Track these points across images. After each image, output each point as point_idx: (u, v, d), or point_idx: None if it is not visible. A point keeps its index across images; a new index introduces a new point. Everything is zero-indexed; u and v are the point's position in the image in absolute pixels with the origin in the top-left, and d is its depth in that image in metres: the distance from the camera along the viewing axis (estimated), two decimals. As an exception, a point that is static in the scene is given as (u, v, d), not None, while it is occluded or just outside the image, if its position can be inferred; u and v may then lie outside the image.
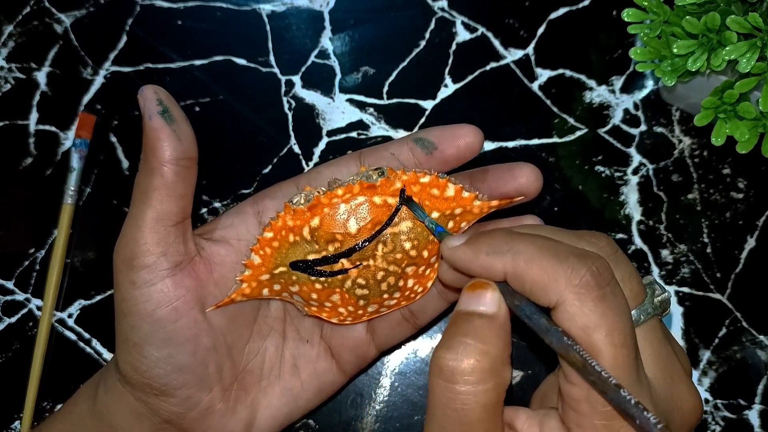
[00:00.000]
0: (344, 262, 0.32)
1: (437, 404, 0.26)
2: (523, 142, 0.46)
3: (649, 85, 0.46)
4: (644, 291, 0.28)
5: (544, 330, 0.26)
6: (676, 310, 0.43)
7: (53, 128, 0.46)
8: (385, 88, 0.47)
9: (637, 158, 0.45)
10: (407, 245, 0.32)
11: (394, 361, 0.43)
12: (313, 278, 0.33)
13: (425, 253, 0.33)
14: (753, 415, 0.42)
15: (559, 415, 0.27)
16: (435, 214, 0.33)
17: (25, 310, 0.44)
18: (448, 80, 0.47)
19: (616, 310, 0.25)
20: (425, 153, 0.33)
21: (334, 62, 0.47)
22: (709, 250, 0.44)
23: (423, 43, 0.47)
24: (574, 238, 0.28)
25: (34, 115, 0.47)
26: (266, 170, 0.46)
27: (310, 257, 0.32)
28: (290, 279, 0.33)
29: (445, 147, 0.33)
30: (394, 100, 0.47)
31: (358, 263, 0.32)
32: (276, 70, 0.47)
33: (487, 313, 0.27)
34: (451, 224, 0.33)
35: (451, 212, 0.33)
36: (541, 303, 0.26)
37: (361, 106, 0.47)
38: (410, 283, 0.34)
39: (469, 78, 0.47)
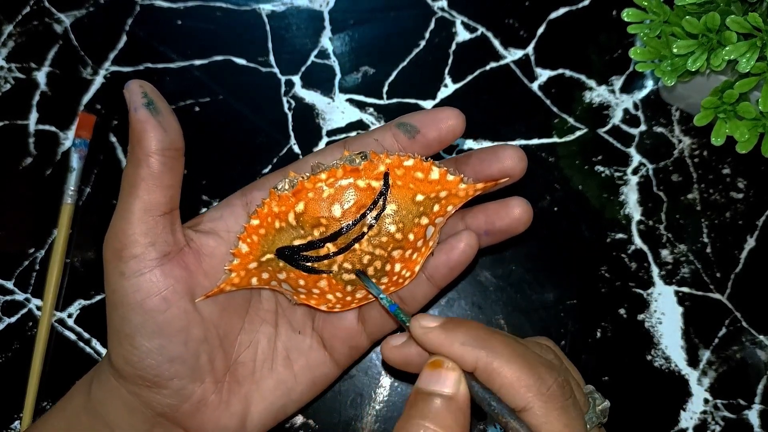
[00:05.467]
0: (330, 247, 0.32)
1: None
2: (523, 142, 0.46)
3: (649, 85, 0.46)
4: (588, 401, 0.30)
5: (515, 425, 0.27)
6: (676, 310, 0.43)
7: (53, 128, 0.46)
8: (385, 88, 0.47)
9: (636, 158, 0.45)
10: (392, 228, 0.32)
11: (394, 361, 0.43)
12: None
13: (411, 237, 0.33)
14: (753, 415, 0.42)
15: None
16: (420, 197, 0.33)
17: (24, 310, 0.44)
18: (448, 80, 0.47)
19: (576, 421, 0.27)
20: (408, 137, 0.34)
21: (333, 62, 0.47)
22: (708, 250, 0.44)
23: (423, 43, 0.47)
24: (530, 345, 0.30)
25: (33, 115, 0.47)
26: (266, 170, 0.46)
27: (296, 243, 0.32)
28: (278, 266, 0.33)
29: (427, 130, 0.33)
30: (394, 100, 0.47)
31: (343, 247, 0.32)
32: (276, 70, 0.47)
33: (447, 394, 0.27)
34: (437, 207, 0.33)
35: (436, 195, 0.33)
36: (507, 402, 0.27)
37: (361, 106, 0.47)
38: (397, 267, 0.34)
39: (469, 78, 0.47)
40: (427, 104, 0.47)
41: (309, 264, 0.33)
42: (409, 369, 0.31)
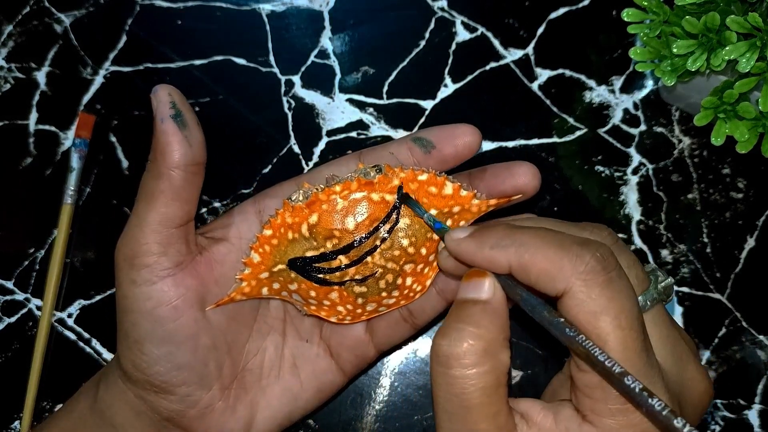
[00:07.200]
0: (342, 259, 0.32)
1: (439, 391, 0.26)
2: (522, 142, 0.46)
3: (649, 85, 0.46)
4: (648, 278, 0.29)
5: (547, 323, 0.26)
6: (676, 310, 0.43)
7: (53, 128, 0.46)
8: (385, 88, 0.47)
9: (636, 158, 0.45)
10: (405, 242, 0.32)
11: (394, 361, 0.43)
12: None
13: (423, 251, 0.33)
14: (753, 415, 0.42)
15: (572, 404, 0.27)
16: (433, 212, 0.33)
17: (24, 310, 0.44)
18: (447, 80, 0.47)
19: (622, 294, 0.25)
20: (424, 152, 0.34)
21: (333, 62, 0.47)
22: (708, 250, 0.44)
23: (423, 43, 0.47)
24: (576, 229, 0.29)
25: (33, 115, 0.47)
26: (266, 170, 0.46)
27: (309, 254, 0.32)
28: (289, 277, 0.33)
29: (443, 146, 0.33)
30: (394, 100, 0.47)
31: (355, 260, 0.32)
32: (276, 70, 0.47)
33: (481, 299, 0.27)
34: (449, 222, 0.33)
35: (449, 210, 0.33)
36: (548, 293, 0.26)
37: (361, 106, 0.47)
38: (409, 281, 0.34)
39: (469, 78, 0.47)
40: (427, 104, 0.47)
41: (321, 276, 0.33)
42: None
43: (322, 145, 0.46)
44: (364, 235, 0.32)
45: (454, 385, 0.26)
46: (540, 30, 0.47)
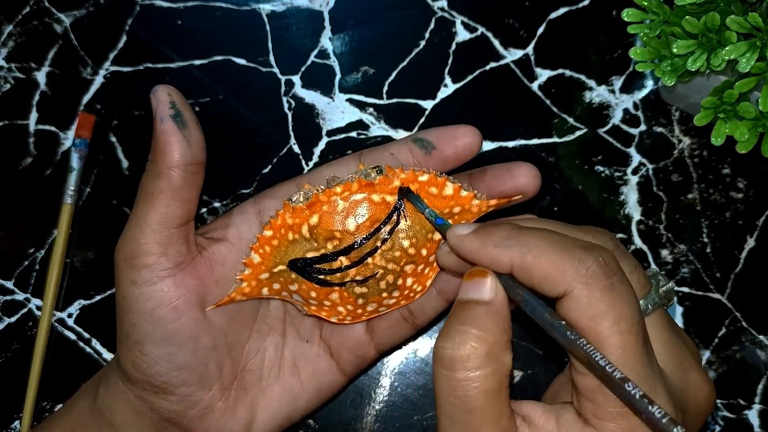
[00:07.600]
0: (343, 260, 0.32)
1: (441, 394, 0.26)
2: (522, 142, 0.46)
3: (649, 85, 0.46)
4: (649, 282, 0.29)
5: (548, 325, 0.26)
6: (676, 310, 0.43)
7: (53, 128, 0.46)
8: (385, 88, 0.47)
9: (636, 158, 0.45)
10: (406, 243, 0.33)
11: (394, 361, 0.43)
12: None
13: (424, 252, 0.33)
14: (752, 415, 0.42)
15: (574, 407, 0.27)
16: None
17: (24, 310, 0.44)
18: (447, 80, 0.47)
19: (623, 299, 0.25)
20: (424, 153, 0.34)
21: (333, 62, 0.47)
22: (708, 250, 0.44)
23: (423, 43, 0.47)
24: (579, 233, 0.29)
25: (33, 115, 0.47)
26: (266, 170, 0.46)
27: (309, 255, 0.32)
28: (289, 278, 0.33)
29: (443, 147, 0.34)
30: (394, 100, 0.47)
31: (356, 261, 0.32)
32: (276, 69, 0.47)
33: (483, 299, 0.27)
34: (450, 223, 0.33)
35: (450, 211, 0.33)
36: (548, 294, 0.26)
37: (361, 106, 0.47)
38: (409, 282, 0.34)
39: (469, 78, 0.47)
40: (427, 104, 0.47)
41: (321, 276, 0.33)
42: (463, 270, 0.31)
43: (322, 145, 0.46)
44: (364, 236, 0.32)
45: (457, 388, 0.26)
46: (540, 30, 0.47)
